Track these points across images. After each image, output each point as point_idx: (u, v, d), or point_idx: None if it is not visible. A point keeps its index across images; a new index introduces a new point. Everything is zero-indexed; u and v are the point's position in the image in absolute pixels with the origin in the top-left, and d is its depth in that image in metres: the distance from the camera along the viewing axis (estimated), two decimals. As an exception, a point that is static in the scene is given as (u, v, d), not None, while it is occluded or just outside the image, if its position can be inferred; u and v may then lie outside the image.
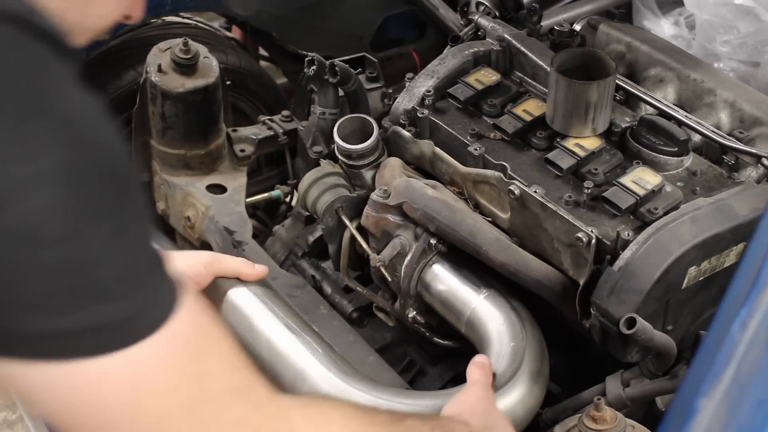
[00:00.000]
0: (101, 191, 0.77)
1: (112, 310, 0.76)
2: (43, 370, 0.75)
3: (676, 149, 1.58)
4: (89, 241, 0.75)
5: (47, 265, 0.73)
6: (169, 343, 0.79)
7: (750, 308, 0.88)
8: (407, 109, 1.78)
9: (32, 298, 0.73)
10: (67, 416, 0.78)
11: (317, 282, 1.88)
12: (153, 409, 0.78)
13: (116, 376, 0.76)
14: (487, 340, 1.49)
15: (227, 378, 0.82)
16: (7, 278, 0.73)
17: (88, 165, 0.76)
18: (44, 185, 0.72)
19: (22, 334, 0.74)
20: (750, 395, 0.84)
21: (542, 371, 1.43)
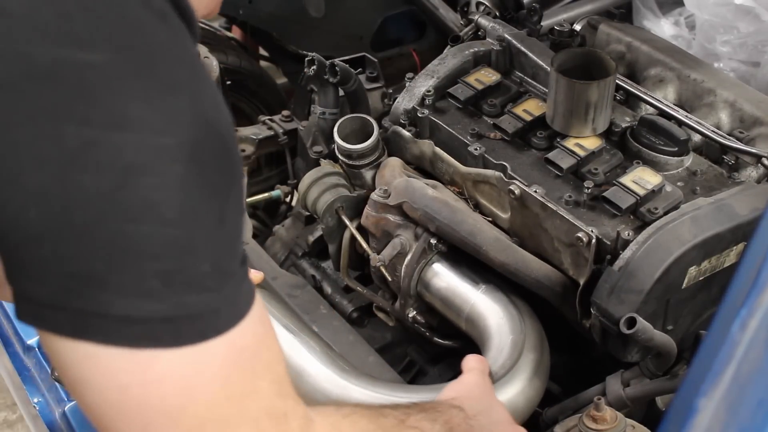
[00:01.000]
0: (216, 175, 0.76)
1: (198, 301, 0.75)
2: (109, 355, 0.72)
3: (676, 149, 1.58)
4: (199, 225, 0.75)
5: (158, 244, 0.72)
6: (229, 349, 0.76)
7: (750, 308, 0.88)
8: (407, 109, 1.78)
9: (131, 278, 0.71)
10: (110, 410, 0.74)
11: (317, 282, 1.88)
12: (193, 419, 0.75)
13: (176, 375, 0.74)
14: (487, 334, 1.50)
15: (269, 403, 0.80)
16: (116, 254, 0.71)
17: (210, 147, 0.75)
18: (173, 161, 0.72)
19: (104, 317, 0.71)
20: (750, 395, 0.84)
21: (542, 362, 1.44)
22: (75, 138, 0.69)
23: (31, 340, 1.74)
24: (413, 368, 1.74)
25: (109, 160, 0.70)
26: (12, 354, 1.81)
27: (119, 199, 0.70)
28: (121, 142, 0.70)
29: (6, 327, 1.87)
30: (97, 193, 0.70)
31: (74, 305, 0.71)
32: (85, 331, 0.72)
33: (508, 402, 1.36)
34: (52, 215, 0.70)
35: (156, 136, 0.71)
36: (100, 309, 0.71)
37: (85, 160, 0.69)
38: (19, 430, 2.63)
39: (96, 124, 0.70)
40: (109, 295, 0.71)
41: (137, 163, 0.71)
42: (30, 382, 1.74)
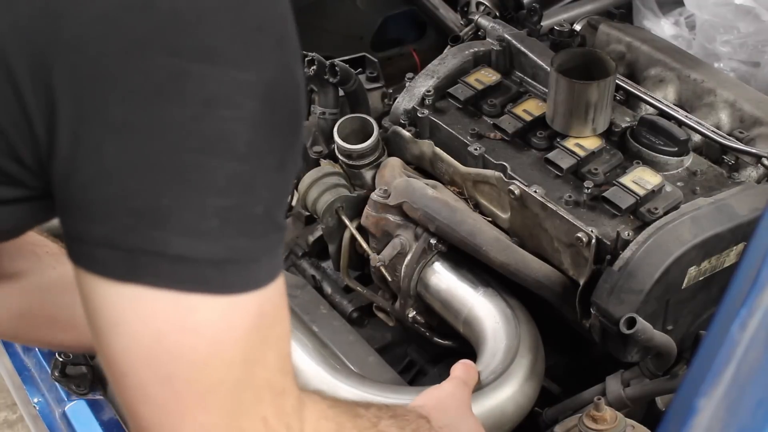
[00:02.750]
0: (285, 120, 0.77)
1: (247, 247, 0.75)
2: (154, 298, 0.72)
3: (676, 149, 1.58)
4: (263, 164, 0.76)
5: (224, 178, 0.73)
6: (257, 309, 0.77)
7: (750, 308, 0.88)
8: (407, 109, 1.78)
9: (193, 214, 0.72)
10: (137, 357, 0.74)
11: (317, 282, 1.88)
12: (213, 375, 0.75)
13: (212, 325, 0.74)
14: (483, 338, 1.50)
15: (272, 376, 0.80)
16: (185, 186, 0.72)
17: (284, 91, 0.76)
18: (251, 97, 0.73)
19: (159, 256, 0.72)
20: (750, 395, 0.84)
21: (535, 369, 1.44)
22: (164, 69, 0.70)
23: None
24: (413, 368, 1.74)
25: (194, 91, 0.71)
26: (12, 354, 1.81)
27: (197, 130, 0.72)
28: (206, 73, 0.71)
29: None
30: (178, 124, 0.71)
31: (130, 243, 0.72)
32: (136, 271, 0.72)
33: (497, 407, 1.36)
34: (130, 148, 0.71)
35: (238, 71, 0.73)
36: (157, 247, 0.72)
37: (170, 91, 0.71)
38: (19, 430, 2.63)
39: (185, 55, 0.71)
40: (168, 233, 0.72)
41: (218, 95, 0.72)
42: (30, 382, 1.74)
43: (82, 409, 1.58)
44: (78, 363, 1.63)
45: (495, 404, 1.36)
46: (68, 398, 1.62)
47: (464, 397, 1.27)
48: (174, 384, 0.75)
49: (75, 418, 1.59)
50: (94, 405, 1.60)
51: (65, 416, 1.61)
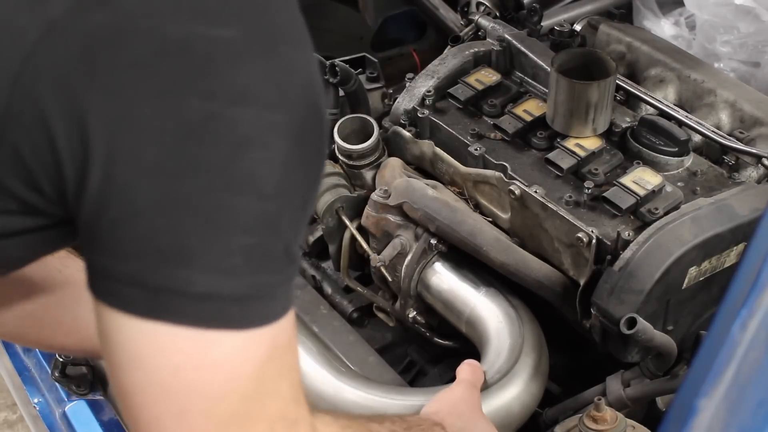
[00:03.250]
0: (312, 157, 0.79)
1: (267, 283, 0.77)
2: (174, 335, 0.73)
3: (677, 149, 1.58)
4: (288, 204, 0.77)
5: (251, 217, 0.74)
6: (271, 342, 0.78)
7: (750, 308, 0.88)
8: (407, 109, 1.78)
9: (218, 252, 0.73)
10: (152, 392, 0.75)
11: (317, 282, 1.88)
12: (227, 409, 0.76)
13: (229, 360, 0.75)
14: (486, 338, 1.50)
15: (285, 407, 0.81)
16: (212, 226, 0.73)
17: (311, 129, 0.78)
18: (281, 137, 0.75)
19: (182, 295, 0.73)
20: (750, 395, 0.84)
21: (540, 367, 1.44)
22: (197, 111, 0.72)
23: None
24: (413, 368, 1.74)
25: (226, 133, 0.73)
26: (12, 354, 1.81)
27: (228, 171, 0.73)
28: (239, 115, 0.73)
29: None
30: (209, 165, 0.72)
31: (156, 282, 0.73)
32: (159, 309, 0.73)
33: (503, 406, 1.36)
34: (160, 188, 0.72)
35: (270, 112, 0.74)
36: (181, 286, 0.73)
37: (203, 133, 0.72)
38: (19, 430, 2.63)
39: (218, 97, 0.72)
40: (192, 272, 0.73)
41: (250, 136, 0.73)
42: (30, 382, 1.75)
43: (82, 410, 1.58)
44: (78, 363, 1.63)
45: (501, 404, 1.36)
46: (68, 398, 1.62)
47: (475, 400, 1.28)
48: (188, 418, 0.75)
49: (75, 419, 1.59)
50: (94, 405, 1.60)
51: (65, 416, 1.61)
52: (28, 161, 0.73)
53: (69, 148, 0.72)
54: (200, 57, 0.72)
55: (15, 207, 0.76)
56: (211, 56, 0.72)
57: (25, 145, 0.72)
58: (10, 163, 0.73)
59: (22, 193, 0.75)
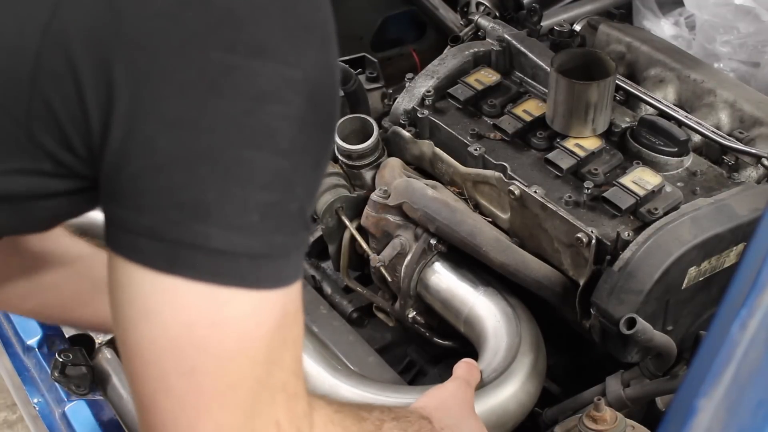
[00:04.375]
0: (325, 118, 0.79)
1: (282, 243, 0.77)
2: (190, 290, 0.73)
3: (676, 149, 1.58)
4: (302, 161, 0.77)
5: (268, 173, 0.74)
6: (282, 307, 0.78)
7: (750, 308, 0.88)
8: (407, 109, 1.78)
9: (236, 208, 0.73)
10: (163, 347, 0.75)
11: (317, 282, 1.88)
12: (237, 372, 0.76)
13: (242, 320, 0.75)
14: (484, 337, 1.50)
15: (287, 378, 0.81)
16: (230, 180, 0.73)
17: (326, 90, 0.78)
18: (297, 93, 0.75)
19: (200, 249, 0.73)
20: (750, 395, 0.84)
21: (537, 367, 1.44)
22: (219, 64, 0.72)
23: (31, 341, 1.74)
24: (413, 368, 1.74)
25: (246, 86, 0.73)
26: (12, 354, 1.81)
27: (247, 125, 0.73)
28: (258, 69, 0.73)
29: (6, 327, 1.87)
30: (229, 118, 0.73)
31: (174, 235, 0.73)
32: (176, 263, 0.73)
33: (500, 405, 1.36)
34: (181, 142, 0.73)
35: (288, 68, 0.75)
36: (198, 240, 0.73)
37: (223, 85, 0.73)
38: (19, 430, 2.63)
39: (239, 50, 0.73)
40: (210, 227, 0.73)
41: (269, 90, 0.74)
42: (30, 382, 1.74)
43: (82, 410, 1.57)
44: (78, 363, 1.63)
45: (497, 402, 1.36)
46: (68, 398, 1.62)
47: (467, 397, 1.27)
48: (196, 377, 0.75)
49: (75, 419, 1.59)
50: (94, 405, 1.59)
51: (65, 416, 1.61)
52: (59, 115, 0.73)
53: (96, 102, 0.72)
54: (221, 9, 0.73)
55: (49, 168, 0.76)
56: (231, 8, 0.73)
57: (56, 98, 0.73)
58: (44, 118, 0.74)
59: (55, 151, 0.75)
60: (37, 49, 0.72)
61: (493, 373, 1.40)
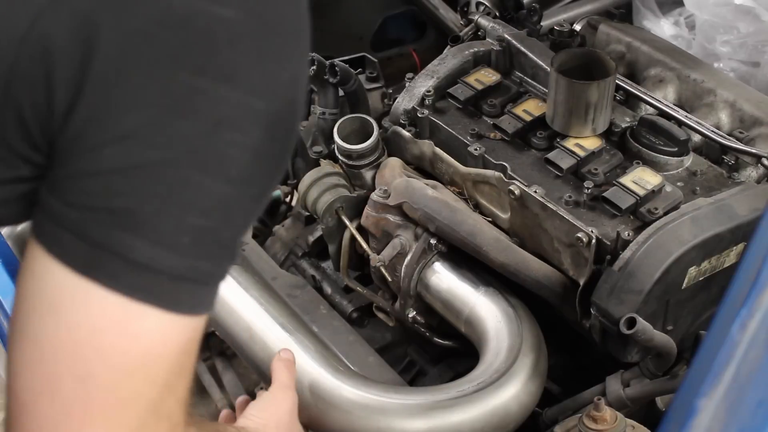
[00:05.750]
0: (278, 152, 0.79)
1: (206, 270, 0.76)
2: (103, 297, 0.72)
3: (676, 149, 1.58)
4: (247, 192, 0.77)
5: (211, 199, 0.74)
6: (189, 335, 0.77)
7: (750, 308, 0.88)
8: (407, 109, 1.78)
9: (170, 227, 0.73)
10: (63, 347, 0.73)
11: (317, 282, 1.88)
12: (131, 387, 0.75)
13: (149, 339, 0.74)
14: (485, 338, 1.50)
15: (175, 408, 0.80)
16: (171, 199, 0.73)
17: (284, 124, 0.78)
18: (257, 124, 0.75)
19: (121, 258, 0.72)
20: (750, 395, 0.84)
21: (538, 367, 1.44)
22: (184, 85, 0.73)
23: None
24: (413, 368, 1.74)
25: (207, 110, 0.73)
26: (12, 354, 1.81)
27: (200, 148, 0.73)
28: (224, 94, 0.74)
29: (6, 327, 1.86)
30: (183, 139, 0.73)
31: (98, 238, 0.72)
32: (94, 267, 0.72)
33: (501, 406, 1.36)
34: (128, 154, 0.72)
35: (253, 98, 0.75)
36: (121, 250, 0.72)
37: (185, 107, 0.73)
38: (19, 430, 2.63)
39: (209, 74, 0.73)
40: (137, 239, 0.72)
41: (229, 117, 0.74)
42: (30, 382, 1.74)
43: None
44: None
45: (499, 403, 1.36)
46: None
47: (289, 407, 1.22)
48: (89, 386, 0.73)
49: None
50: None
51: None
52: (26, 116, 0.73)
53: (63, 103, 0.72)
54: (199, 32, 0.73)
55: (28, 173, 0.76)
56: (210, 33, 0.73)
57: (26, 104, 0.73)
58: (15, 123, 0.74)
59: (29, 154, 0.75)
60: (14, 58, 0.72)
61: (494, 373, 1.40)
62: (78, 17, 0.72)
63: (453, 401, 1.35)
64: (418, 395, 1.36)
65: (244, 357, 1.52)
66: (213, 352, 1.95)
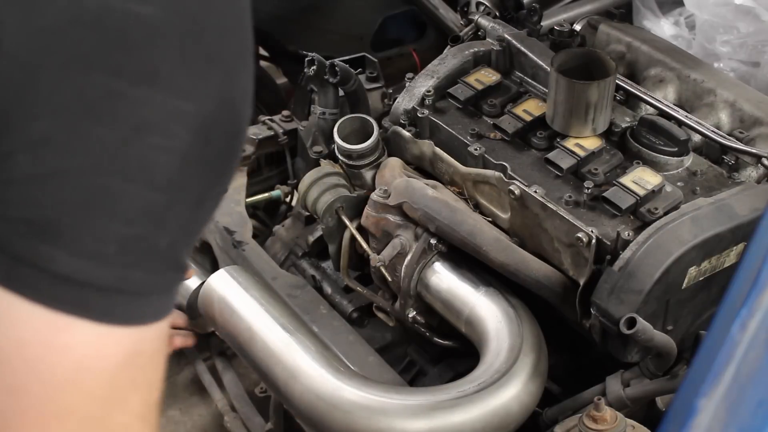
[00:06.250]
0: (215, 158, 0.75)
1: (140, 280, 0.72)
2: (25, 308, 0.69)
3: (676, 149, 1.58)
4: (180, 198, 0.73)
5: (135, 207, 0.70)
6: (132, 346, 0.74)
7: (750, 308, 0.88)
8: (407, 109, 1.78)
9: (92, 238, 0.69)
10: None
11: (317, 282, 1.88)
12: (66, 403, 0.72)
13: (81, 351, 0.71)
14: (485, 338, 1.50)
15: (131, 422, 0.76)
16: (91, 209, 0.69)
17: (221, 129, 0.74)
18: (185, 127, 0.71)
19: (41, 271, 0.68)
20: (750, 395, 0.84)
21: (539, 367, 1.44)
22: (100, 88, 0.68)
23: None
24: (413, 368, 1.74)
25: (126, 114, 0.69)
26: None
27: (121, 154, 0.69)
28: (143, 98, 0.69)
29: None
30: (102, 145, 0.69)
31: (16, 250, 0.69)
32: (14, 279, 0.69)
33: (502, 406, 1.36)
34: (42, 161, 0.68)
35: (177, 100, 0.70)
36: (42, 262, 0.69)
37: (102, 110, 0.68)
38: (19, 430, 2.63)
39: (125, 76, 0.69)
40: (57, 250, 0.69)
41: (152, 121, 0.69)
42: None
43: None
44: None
45: (500, 403, 1.36)
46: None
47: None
48: (21, 398, 0.71)
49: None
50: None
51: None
52: None
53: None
54: (114, 31, 0.68)
55: None
56: (125, 32, 0.68)
57: None
58: None
59: None
60: None
61: (495, 374, 1.40)
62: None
63: (454, 401, 1.35)
64: (419, 396, 1.36)
65: (244, 357, 1.52)
66: (213, 352, 1.95)
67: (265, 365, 1.44)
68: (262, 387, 1.73)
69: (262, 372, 1.46)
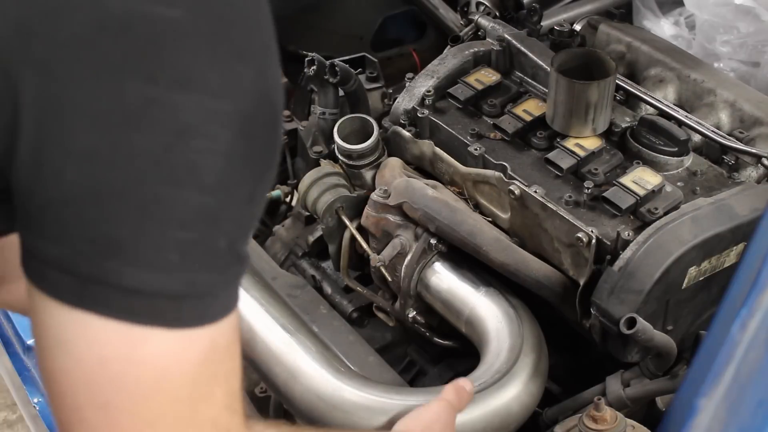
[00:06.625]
0: (259, 152, 0.76)
1: (206, 281, 0.74)
2: (103, 326, 0.70)
3: (676, 149, 1.58)
4: (231, 197, 0.74)
5: (189, 211, 0.71)
6: (209, 344, 0.75)
7: (750, 308, 0.88)
8: (407, 109, 1.78)
9: (152, 247, 0.70)
10: (77, 380, 0.72)
11: (317, 282, 1.88)
12: (153, 409, 0.73)
13: (160, 359, 0.72)
14: (486, 338, 1.50)
15: (217, 414, 0.78)
16: (146, 219, 0.70)
17: (261, 123, 0.75)
18: (225, 127, 0.71)
19: (112, 287, 0.70)
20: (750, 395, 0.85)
21: (539, 368, 1.44)
22: (136, 96, 0.68)
23: (32, 340, 1.74)
24: (413, 368, 1.74)
25: (166, 120, 0.69)
26: (12, 354, 1.81)
27: (166, 160, 0.69)
28: (180, 102, 0.69)
29: (6, 327, 1.87)
30: (146, 153, 0.69)
31: (84, 271, 0.70)
32: (86, 299, 0.70)
33: (503, 406, 1.36)
34: (92, 176, 0.69)
35: (214, 100, 0.71)
36: (110, 278, 0.70)
37: (141, 119, 0.69)
38: (19, 430, 2.63)
39: (160, 82, 0.69)
40: (123, 265, 0.70)
41: (192, 124, 0.70)
42: (30, 382, 1.74)
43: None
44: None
45: (500, 404, 1.36)
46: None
47: (449, 421, 1.23)
48: (111, 412, 0.72)
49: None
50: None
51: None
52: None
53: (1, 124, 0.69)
54: (142, 37, 0.68)
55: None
56: (155, 36, 0.68)
57: None
58: None
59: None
60: None
61: (495, 374, 1.40)
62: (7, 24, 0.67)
63: None
64: (420, 396, 1.36)
65: (244, 357, 1.52)
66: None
67: (266, 365, 1.44)
68: (262, 387, 1.73)
69: (262, 372, 1.46)
